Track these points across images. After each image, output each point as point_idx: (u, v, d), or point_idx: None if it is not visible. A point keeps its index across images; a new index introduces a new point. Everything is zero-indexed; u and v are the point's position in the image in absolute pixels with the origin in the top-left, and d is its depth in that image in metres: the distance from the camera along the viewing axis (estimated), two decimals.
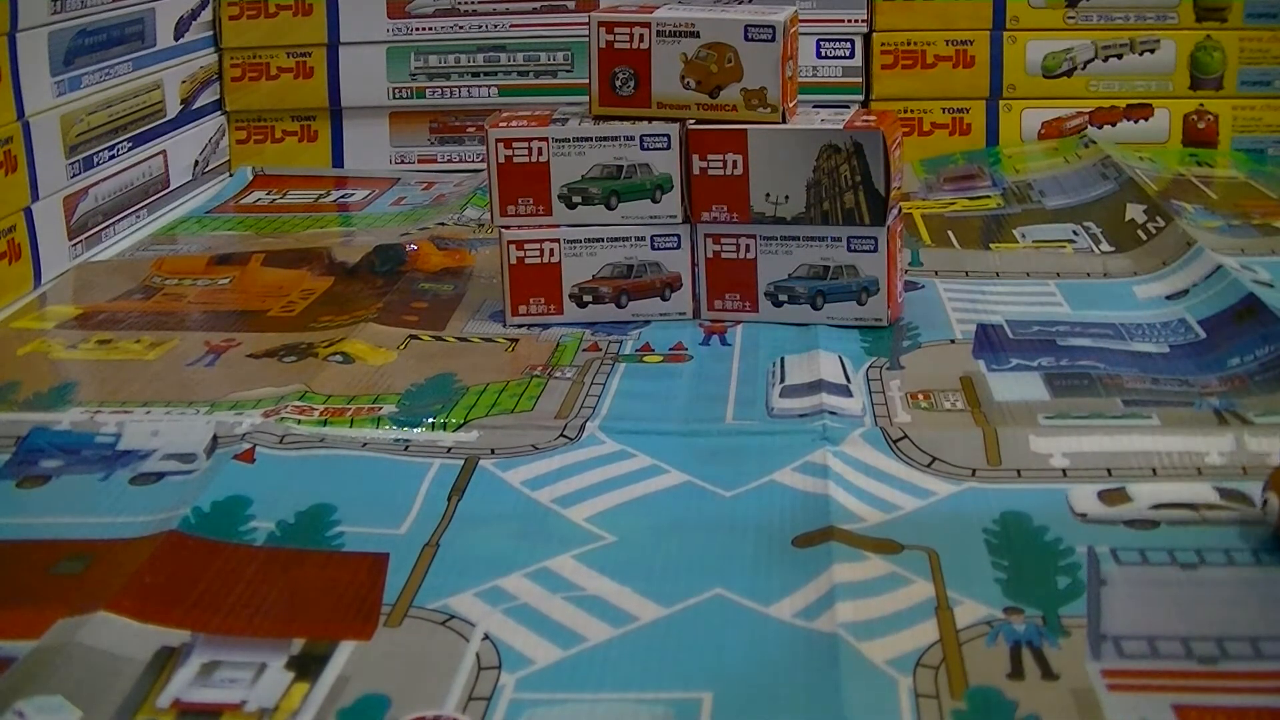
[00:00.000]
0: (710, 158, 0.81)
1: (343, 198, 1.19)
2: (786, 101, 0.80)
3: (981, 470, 0.62)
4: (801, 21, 0.96)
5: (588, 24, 0.82)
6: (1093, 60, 1.21)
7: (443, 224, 1.06)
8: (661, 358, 0.78)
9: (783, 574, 0.54)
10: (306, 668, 0.48)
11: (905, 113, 1.21)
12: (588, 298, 0.83)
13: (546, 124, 0.82)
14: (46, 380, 0.76)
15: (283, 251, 0.99)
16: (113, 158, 1.05)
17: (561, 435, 0.67)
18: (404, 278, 0.93)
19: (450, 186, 1.20)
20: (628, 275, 0.83)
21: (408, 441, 0.66)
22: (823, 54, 1.21)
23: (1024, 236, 0.99)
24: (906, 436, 0.65)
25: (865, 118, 0.81)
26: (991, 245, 0.98)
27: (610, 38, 0.81)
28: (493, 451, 0.65)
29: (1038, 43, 1.21)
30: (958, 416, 0.68)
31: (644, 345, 0.79)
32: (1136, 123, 1.22)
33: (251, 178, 1.24)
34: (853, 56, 1.22)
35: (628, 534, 0.58)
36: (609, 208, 0.82)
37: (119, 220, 1.06)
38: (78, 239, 0.99)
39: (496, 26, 1.23)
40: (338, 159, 1.27)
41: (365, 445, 0.66)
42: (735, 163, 0.80)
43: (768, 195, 0.80)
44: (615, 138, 0.81)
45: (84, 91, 1.01)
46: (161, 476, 0.63)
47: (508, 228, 0.82)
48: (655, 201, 0.82)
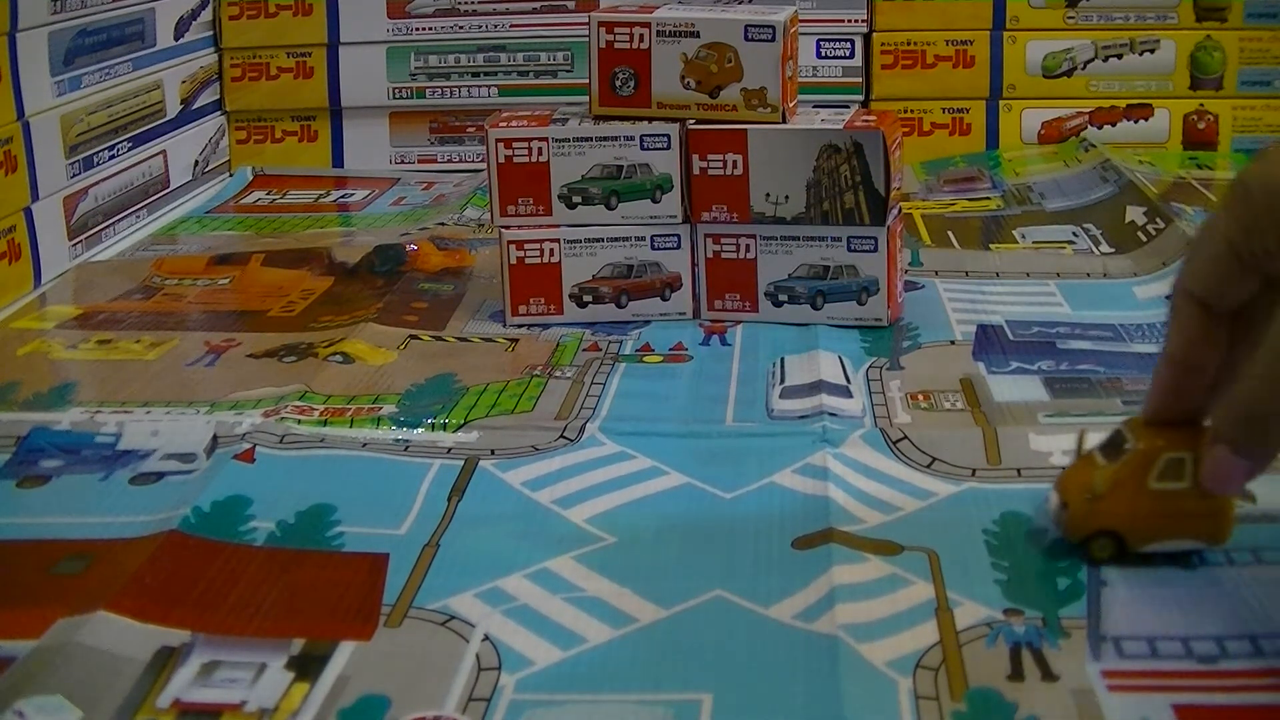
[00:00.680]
0: (710, 158, 0.81)
1: (343, 198, 1.19)
2: (786, 101, 0.80)
3: (981, 470, 0.62)
4: (801, 21, 0.97)
5: (588, 24, 0.82)
6: (1093, 60, 1.21)
7: (443, 224, 1.06)
8: (661, 358, 0.78)
9: (782, 576, 0.54)
10: (306, 668, 0.48)
11: (905, 113, 1.21)
12: (588, 298, 0.83)
13: (546, 124, 0.82)
14: (46, 380, 0.76)
15: (283, 251, 0.99)
16: (113, 158, 1.05)
17: (561, 436, 0.67)
18: (404, 278, 0.93)
19: (450, 186, 1.20)
20: (628, 275, 0.83)
21: (408, 442, 0.66)
22: (823, 54, 1.21)
23: (1024, 237, 0.99)
24: (906, 437, 0.65)
25: (865, 118, 0.81)
26: (991, 245, 0.98)
27: (610, 38, 0.81)
28: (493, 452, 0.65)
29: (1038, 43, 1.21)
30: (957, 416, 0.68)
31: (644, 345, 0.79)
32: (1136, 123, 1.22)
33: (251, 178, 1.24)
34: (853, 56, 1.22)
35: (628, 535, 0.58)
36: (609, 208, 0.82)
37: (119, 220, 1.06)
38: (78, 239, 0.99)
39: (496, 26, 1.23)
40: (338, 159, 1.27)
41: (365, 445, 0.66)
42: (735, 163, 0.80)
43: (768, 195, 0.80)
44: (615, 138, 0.81)
45: (84, 91, 1.01)
46: (161, 476, 0.64)
47: (508, 228, 0.82)
48: (655, 201, 0.82)
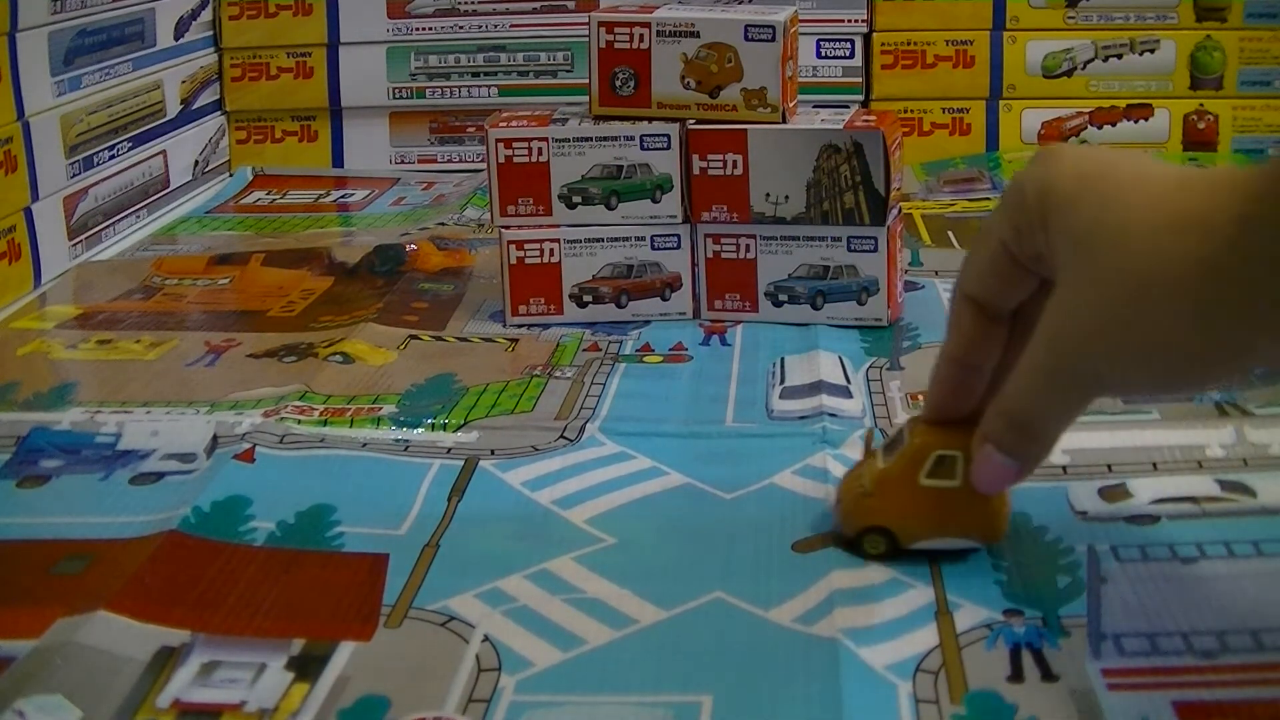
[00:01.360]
0: (710, 158, 0.81)
1: (343, 198, 1.19)
2: (786, 101, 0.80)
3: None
4: (801, 21, 0.97)
5: (588, 24, 0.82)
6: (1093, 60, 1.21)
7: (443, 224, 1.06)
8: (661, 358, 0.78)
9: (782, 578, 0.54)
10: (306, 668, 0.48)
11: (905, 113, 1.21)
12: (588, 298, 0.83)
13: (546, 124, 0.82)
14: (46, 380, 0.76)
15: (283, 251, 0.99)
16: (113, 158, 1.05)
17: (561, 436, 0.67)
18: (404, 278, 0.93)
19: (450, 186, 1.20)
20: (628, 275, 0.83)
21: (408, 442, 0.66)
22: (823, 54, 1.21)
23: None
24: None
25: (865, 118, 0.81)
26: None
27: (610, 38, 0.81)
28: (493, 452, 0.65)
29: (1038, 43, 1.21)
30: None
31: (644, 345, 0.79)
32: (1136, 123, 1.22)
33: (251, 178, 1.24)
34: (853, 56, 1.22)
35: (627, 536, 0.58)
36: (609, 208, 0.82)
37: (119, 220, 1.06)
38: (78, 239, 0.99)
39: (496, 26, 1.23)
40: (338, 159, 1.27)
41: (365, 445, 0.66)
42: (735, 163, 0.80)
43: (768, 195, 0.80)
44: (615, 138, 0.81)
45: (84, 91, 1.01)
46: (161, 476, 0.64)
47: (508, 228, 0.82)
48: (655, 201, 0.82)
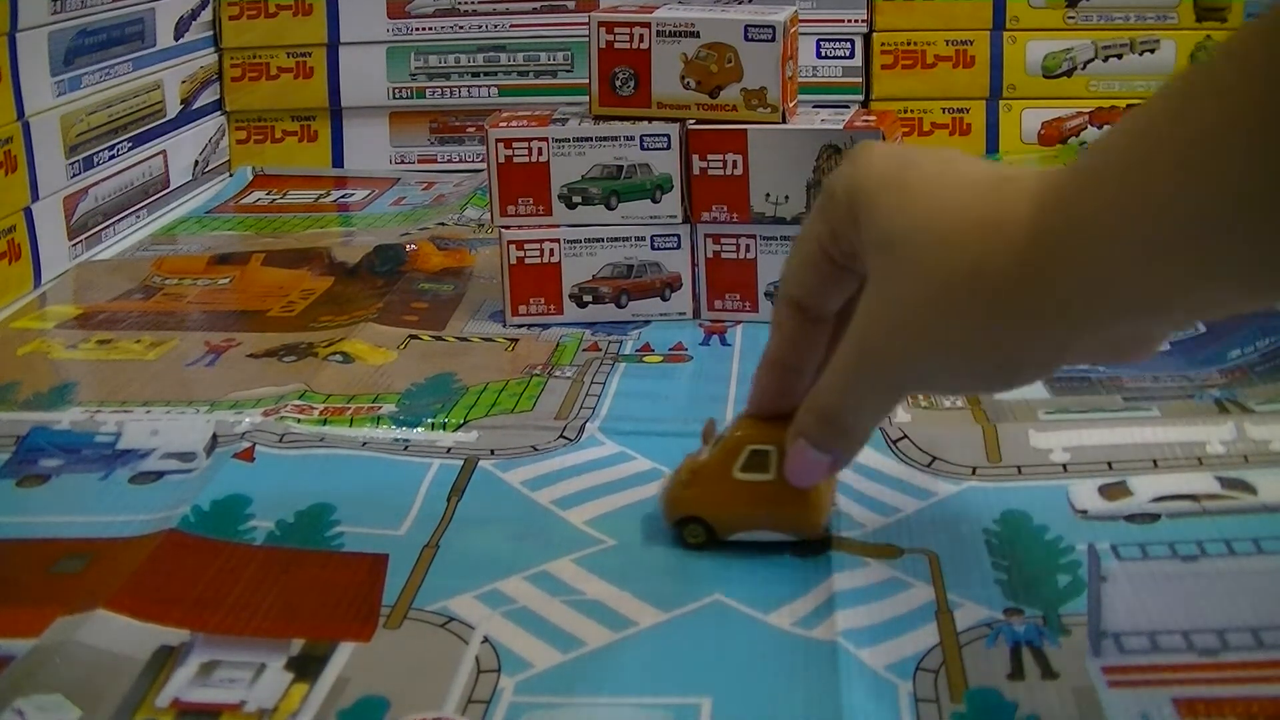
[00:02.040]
0: (710, 158, 0.81)
1: (343, 198, 1.19)
2: (786, 101, 0.80)
3: (982, 468, 0.62)
4: (801, 21, 0.97)
5: (588, 24, 0.82)
6: (1093, 60, 1.21)
7: (443, 224, 1.06)
8: (661, 358, 0.78)
9: (782, 580, 0.53)
10: (306, 668, 0.48)
11: (905, 113, 1.21)
12: (588, 298, 0.83)
13: (546, 124, 0.82)
14: (46, 380, 0.76)
15: (283, 251, 0.99)
16: (113, 158, 1.05)
17: (561, 436, 0.67)
18: (404, 278, 0.93)
19: (450, 186, 1.20)
20: (628, 275, 0.83)
21: (407, 441, 0.66)
22: (823, 54, 1.21)
23: None
24: (906, 436, 0.65)
25: (865, 118, 0.81)
26: None
27: (610, 38, 0.81)
28: (492, 452, 0.65)
29: (1038, 43, 1.21)
30: (957, 415, 0.68)
31: (644, 345, 0.79)
32: None
33: (251, 178, 1.24)
34: (853, 56, 1.22)
35: (627, 537, 0.57)
36: (609, 208, 0.82)
37: (119, 220, 1.06)
38: (78, 239, 0.99)
39: (496, 26, 1.23)
40: (338, 159, 1.27)
41: (365, 445, 0.66)
42: (735, 163, 0.80)
43: (768, 195, 0.80)
44: (615, 138, 0.81)
45: (84, 91, 1.01)
46: (161, 475, 0.63)
47: (508, 228, 0.82)
48: (655, 201, 0.81)
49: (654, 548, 0.57)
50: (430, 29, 1.23)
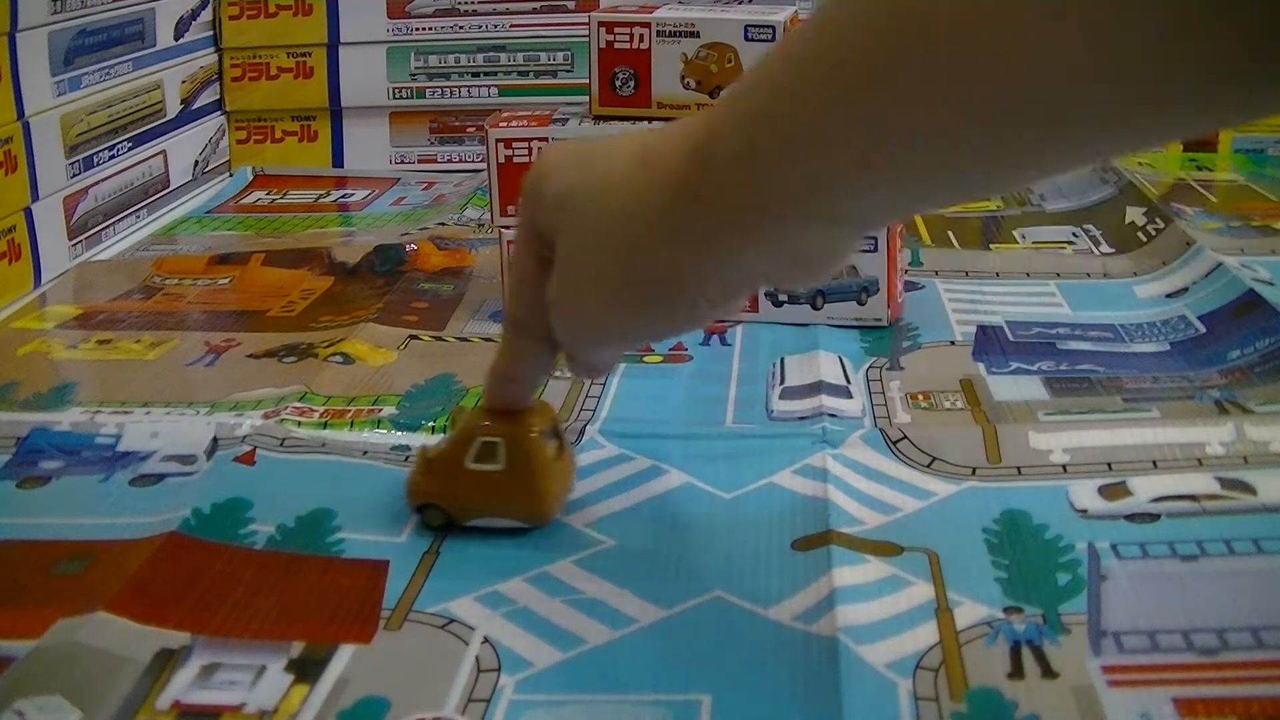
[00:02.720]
0: None
1: (343, 198, 1.19)
2: None
3: (982, 469, 0.62)
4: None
5: (588, 24, 0.82)
6: None
7: (443, 224, 1.06)
8: (661, 358, 0.78)
9: (782, 577, 0.54)
10: (306, 670, 0.48)
11: None
12: None
13: (546, 124, 0.82)
14: (46, 380, 0.76)
15: (283, 251, 0.99)
16: (113, 158, 1.05)
17: None
18: (404, 278, 0.93)
19: (450, 186, 1.20)
20: None
21: (408, 451, 0.66)
22: None
23: (1024, 238, 0.99)
24: (906, 437, 0.65)
25: None
26: (991, 246, 0.98)
27: (610, 38, 0.81)
28: None
29: None
30: (957, 416, 0.68)
31: (644, 345, 0.79)
32: None
33: (251, 178, 1.24)
34: None
35: (627, 537, 0.57)
36: None
37: (119, 220, 1.06)
38: (78, 239, 1.00)
39: (496, 26, 1.23)
40: (338, 159, 1.27)
41: (365, 454, 0.65)
42: None
43: None
44: None
45: (84, 91, 1.01)
46: (162, 478, 0.63)
47: (508, 228, 0.82)
48: None
49: (655, 547, 0.57)
50: (430, 29, 1.23)
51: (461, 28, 1.23)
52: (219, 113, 1.25)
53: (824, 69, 0.41)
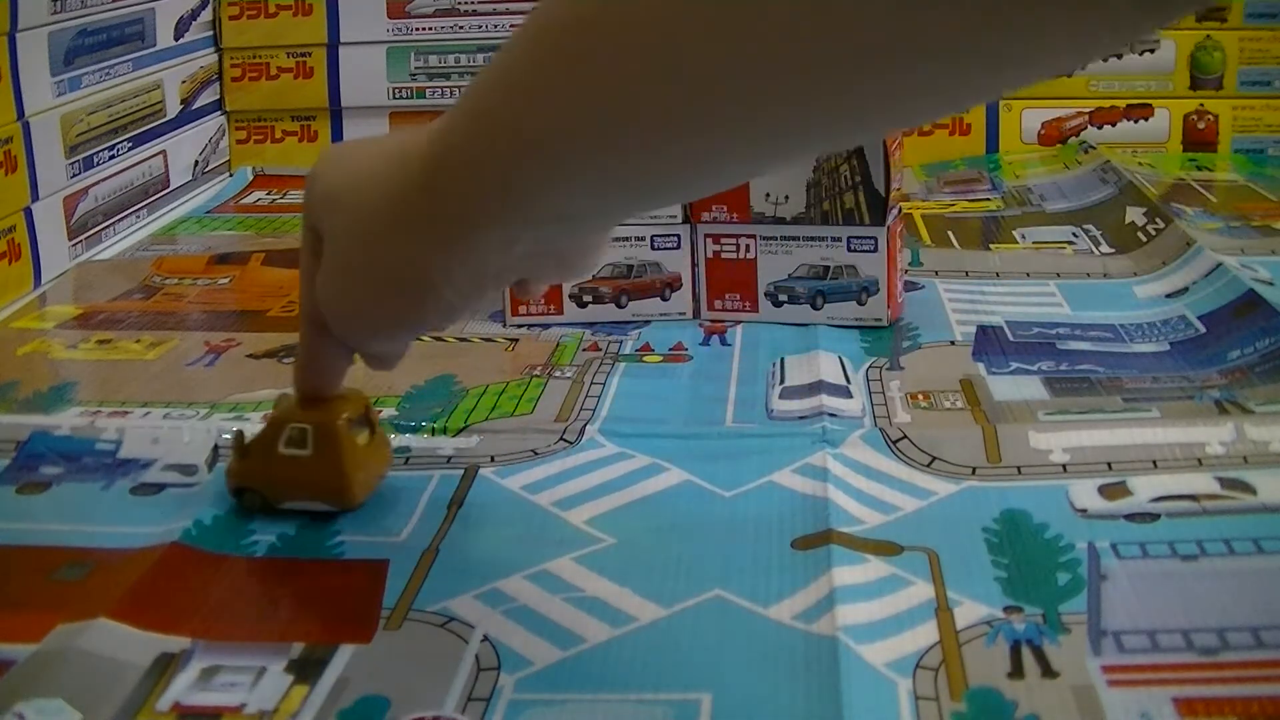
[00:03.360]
0: None
1: None
2: None
3: (982, 468, 0.62)
4: None
5: None
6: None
7: None
8: (661, 358, 0.78)
9: (782, 576, 0.54)
10: (306, 670, 0.48)
11: None
12: (588, 298, 0.83)
13: None
14: (46, 380, 0.76)
15: (283, 251, 0.99)
16: (113, 158, 1.05)
17: (561, 439, 0.67)
18: None
19: None
20: (628, 275, 0.83)
21: (408, 452, 0.66)
22: None
23: (1024, 238, 0.99)
24: (906, 436, 0.65)
25: None
26: (991, 246, 0.98)
27: None
28: (493, 459, 0.65)
29: None
30: (957, 415, 0.68)
31: (644, 345, 0.79)
32: (1136, 122, 1.21)
33: (251, 178, 1.24)
34: None
35: (627, 535, 0.57)
36: None
37: (119, 220, 1.06)
38: (78, 239, 1.00)
39: (496, 26, 1.23)
40: None
41: None
42: None
43: (768, 195, 0.80)
44: None
45: (84, 91, 1.01)
46: (163, 488, 0.63)
47: None
48: None
49: (655, 545, 0.57)
50: (430, 29, 1.23)
51: (461, 28, 1.23)
52: (219, 113, 1.25)
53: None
